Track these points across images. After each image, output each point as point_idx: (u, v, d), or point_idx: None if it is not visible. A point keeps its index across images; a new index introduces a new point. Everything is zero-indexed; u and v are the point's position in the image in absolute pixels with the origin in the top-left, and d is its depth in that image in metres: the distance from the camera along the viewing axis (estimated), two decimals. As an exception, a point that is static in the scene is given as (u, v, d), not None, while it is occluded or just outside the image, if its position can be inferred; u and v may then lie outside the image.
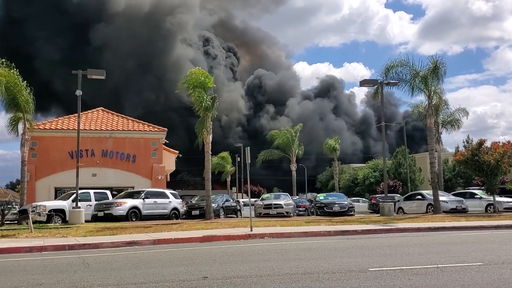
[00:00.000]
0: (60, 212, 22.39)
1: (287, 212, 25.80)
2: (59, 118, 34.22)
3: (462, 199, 27.40)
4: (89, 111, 33.04)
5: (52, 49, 74.00)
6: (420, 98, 30.48)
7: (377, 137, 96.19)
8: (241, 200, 36.08)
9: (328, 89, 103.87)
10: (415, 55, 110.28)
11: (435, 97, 26.49)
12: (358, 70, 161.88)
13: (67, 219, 21.81)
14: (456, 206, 26.25)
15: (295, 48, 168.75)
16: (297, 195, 45.02)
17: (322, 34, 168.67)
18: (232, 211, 28.48)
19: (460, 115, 34.35)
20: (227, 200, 28.66)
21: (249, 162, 18.59)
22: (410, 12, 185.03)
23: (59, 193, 28.15)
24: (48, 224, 20.80)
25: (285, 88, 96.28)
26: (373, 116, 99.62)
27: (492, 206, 26.23)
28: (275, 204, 26.17)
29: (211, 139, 24.01)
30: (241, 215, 29.02)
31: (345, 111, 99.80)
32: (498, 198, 26.45)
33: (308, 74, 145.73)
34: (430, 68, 25.22)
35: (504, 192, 29.05)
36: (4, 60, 23.15)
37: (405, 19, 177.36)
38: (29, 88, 24.53)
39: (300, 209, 29.74)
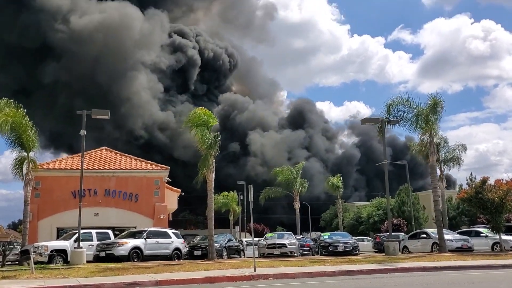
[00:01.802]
0: (62, 252, 22.16)
1: (291, 252, 25.50)
2: (63, 158, 34.41)
3: (467, 237, 27.06)
4: (92, 150, 33.22)
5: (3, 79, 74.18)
6: (416, 136, 30.28)
7: (357, 182, 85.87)
8: (244, 239, 35.69)
9: (300, 119, 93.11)
10: (415, 93, 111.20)
11: (434, 134, 26.56)
12: (358, 109, 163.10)
13: (68, 259, 21.58)
14: (462, 245, 25.90)
15: (296, 87, 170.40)
16: (301, 234, 44.54)
17: (322, 73, 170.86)
18: (235, 251, 28.15)
19: (459, 152, 34.48)
20: (230, 240, 28.36)
21: (252, 200, 18.55)
22: (409, 52, 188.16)
23: (61, 233, 27.96)
24: (50, 265, 20.59)
25: (255, 120, 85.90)
26: (357, 154, 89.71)
27: (498, 245, 25.86)
28: (278, 244, 25.88)
29: (213, 177, 24.05)
30: (244, 255, 28.65)
31: (320, 148, 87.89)
32: (504, 237, 26.12)
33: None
34: (430, 106, 25.40)
35: (510, 230, 28.69)
36: (12, 100, 23.57)
37: (404, 59, 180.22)
38: (34, 128, 24.82)
39: (305, 248, 29.35)
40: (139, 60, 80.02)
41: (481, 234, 27.97)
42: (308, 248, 29.71)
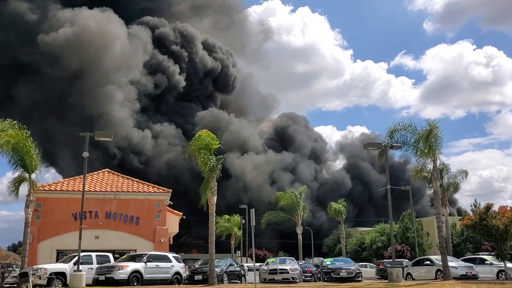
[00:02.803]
0: (61, 275, 21.92)
1: (293, 278, 25.16)
2: (65, 179, 34.37)
3: (472, 265, 26.68)
4: (94, 172, 33.26)
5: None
6: (414, 160, 30.14)
7: (346, 209, 78.25)
8: (245, 264, 35.33)
9: (286, 138, 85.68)
10: (417, 119, 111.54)
11: (437, 160, 26.41)
12: (361, 133, 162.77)
13: (67, 282, 21.37)
14: (466, 272, 25.49)
15: (298, 111, 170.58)
16: (303, 259, 44.07)
17: (325, 98, 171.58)
18: (236, 276, 27.78)
19: (462, 177, 34.50)
20: (231, 265, 28.04)
21: (254, 224, 18.43)
22: (411, 77, 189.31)
23: (61, 255, 27.72)
24: (48, 288, 20.39)
25: (239, 140, 78.08)
26: (346, 178, 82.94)
27: (503, 273, 25.49)
28: (280, 269, 25.53)
29: (215, 200, 23.96)
30: (245, 280, 28.30)
31: (305, 172, 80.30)
32: (509, 264, 25.72)
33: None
34: (427, 132, 25.20)
35: (516, 258, 28.31)
36: (16, 121, 23.71)
37: (407, 84, 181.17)
38: (37, 150, 24.87)
39: (307, 274, 28.97)
40: (116, 79, 74.55)
41: (486, 262, 27.61)
42: (310, 274, 29.35)
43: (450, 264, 24.87)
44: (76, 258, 21.77)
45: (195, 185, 32.89)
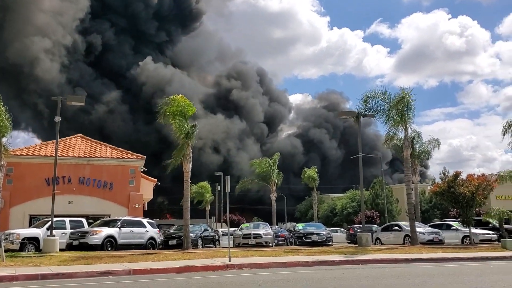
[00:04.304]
0: (34, 240, 21.87)
1: (266, 242, 25.73)
2: (37, 144, 33.78)
3: (438, 230, 27.69)
4: (67, 137, 32.72)
5: None
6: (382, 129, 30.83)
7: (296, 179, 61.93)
8: (220, 229, 35.76)
9: (231, 100, 78.71)
10: (391, 87, 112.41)
11: (409, 129, 26.79)
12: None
13: (41, 247, 21.31)
14: (433, 238, 26.49)
15: (275, 78, 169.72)
16: (277, 224, 44.88)
17: (302, 65, 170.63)
18: (210, 241, 28.19)
19: (433, 146, 35.06)
20: (205, 230, 28.40)
21: (229, 191, 18.59)
22: (387, 46, 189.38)
23: (34, 220, 27.55)
24: (21, 253, 20.31)
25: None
26: (299, 146, 79.58)
27: (468, 238, 26.56)
28: (254, 234, 26.08)
29: (190, 167, 23.94)
30: (219, 245, 28.75)
31: (252, 138, 75.99)
32: (473, 230, 26.82)
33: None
34: (405, 100, 25.48)
35: (480, 224, 29.48)
36: None
37: (382, 53, 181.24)
38: (8, 113, 24.22)
39: (279, 239, 29.64)
40: (46, 31, 68.93)
41: (452, 228, 28.67)
42: (283, 239, 30.01)
43: (417, 230, 25.73)
44: (50, 223, 21.67)
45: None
